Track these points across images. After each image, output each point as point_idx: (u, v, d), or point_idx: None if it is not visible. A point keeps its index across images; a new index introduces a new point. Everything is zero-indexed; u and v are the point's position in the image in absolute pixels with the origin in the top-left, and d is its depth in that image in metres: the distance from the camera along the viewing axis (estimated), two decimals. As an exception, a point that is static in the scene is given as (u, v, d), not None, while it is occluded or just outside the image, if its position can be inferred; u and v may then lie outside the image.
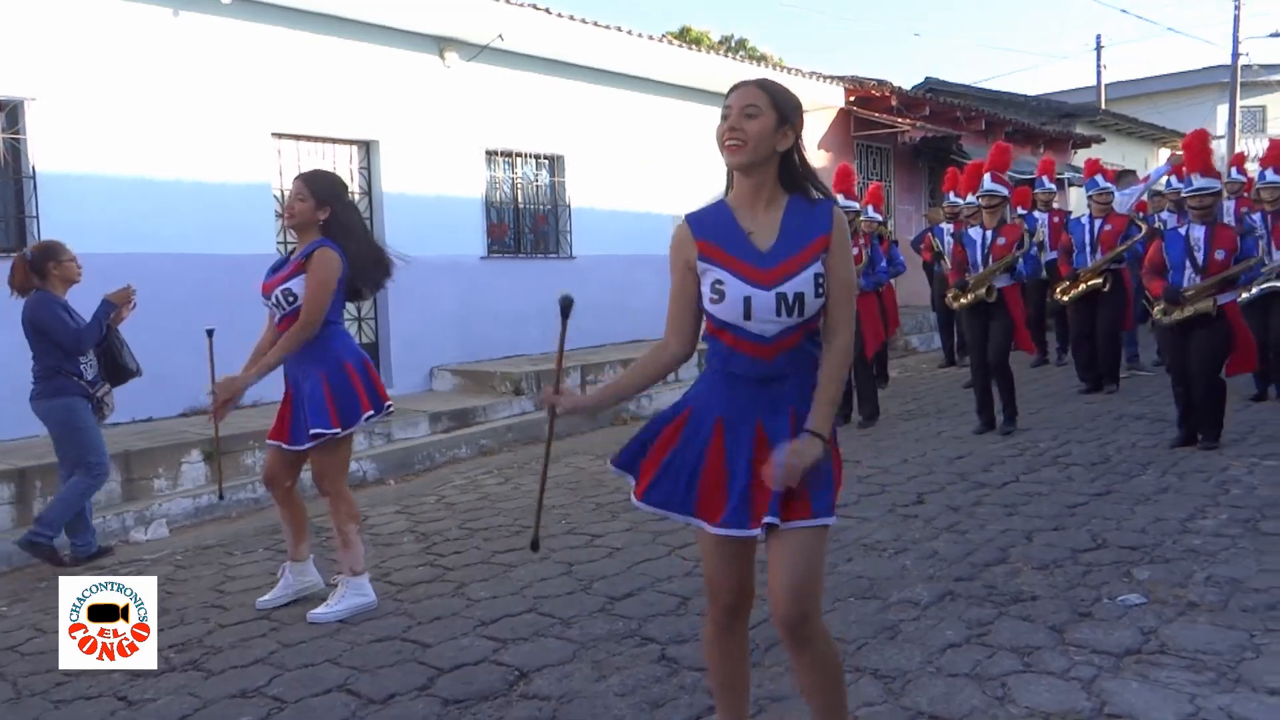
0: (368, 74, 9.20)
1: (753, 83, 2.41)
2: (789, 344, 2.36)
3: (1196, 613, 3.77)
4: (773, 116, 2.36)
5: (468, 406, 8.68)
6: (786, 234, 2.38)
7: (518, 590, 4.47)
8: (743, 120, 2.35)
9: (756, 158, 2.37)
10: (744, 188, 2.43)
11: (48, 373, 5.19)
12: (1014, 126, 18.11)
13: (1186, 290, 6.39)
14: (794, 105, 2.42)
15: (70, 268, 5.28)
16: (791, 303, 2.33)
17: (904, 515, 5.33)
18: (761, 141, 2.36)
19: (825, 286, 2.35)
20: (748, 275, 2.36)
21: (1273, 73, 29.03)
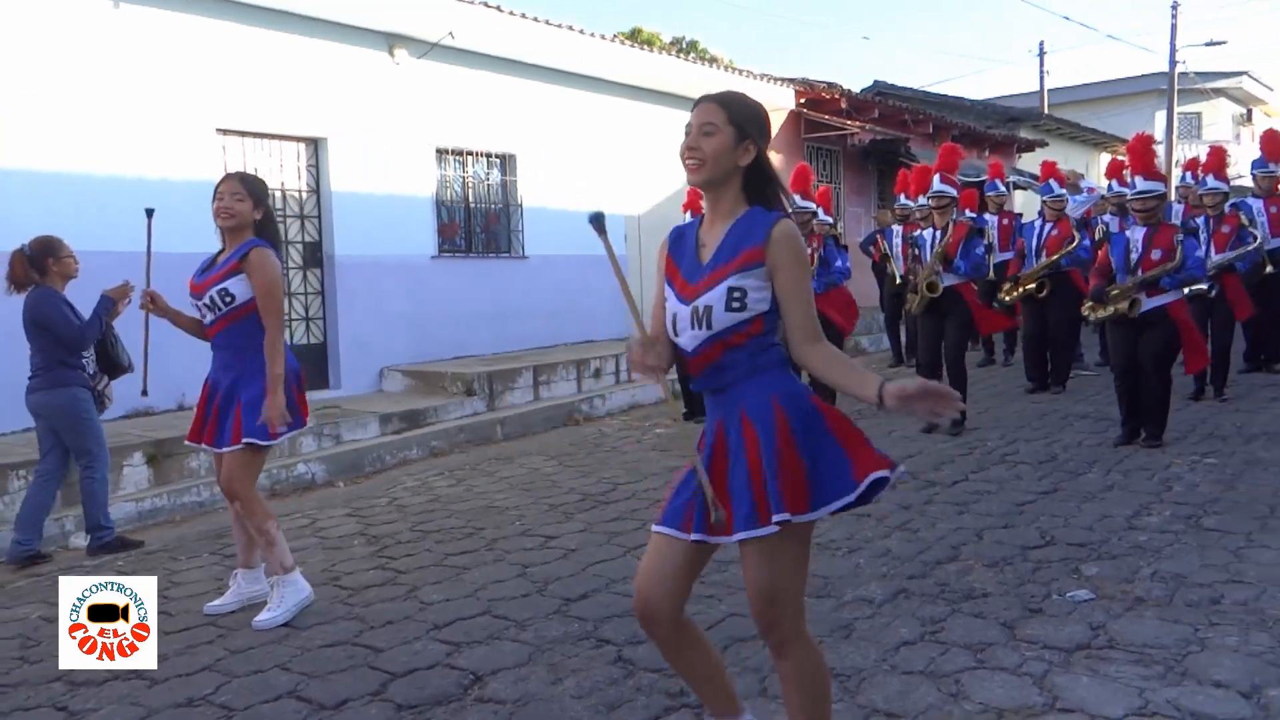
0: (316, 70, 9.05)
1: (712, 99, 2.41)
2: (710, 357, 2.36)
3: (1143, 608, 3.84)
4: (730, 133, 2.36)
5: (418, 407, 8.58)
6: (725, 246, 2.37)
7: (471, 593, 4.41)
8: (700, 139, 2.36)
9: (715, 175, 2.38)
10: (708, 201, 2.45)
11: (50, 364, 5.27)
12: (960, 130, 18.38)
13: (1111, 290, 6.54)
14: (755, 118, 2.42)
15: (69, 263, 5.37)
16: (701, 315, 2.34)
17: (857, 514, 5.35)
18: (719, 159, 2.36)
19: (744, 302, 2.30)
20: (679, 289, 2.41)
21: (1208, 81, 29.83)
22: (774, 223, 2.34)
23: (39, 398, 5.31)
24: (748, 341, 2.34)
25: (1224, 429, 7.11)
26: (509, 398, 9.21)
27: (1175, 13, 26.73)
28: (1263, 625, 3.61)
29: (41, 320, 5.20)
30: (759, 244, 2.32)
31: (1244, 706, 3.02)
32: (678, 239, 2.51)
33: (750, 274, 2.31)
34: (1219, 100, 32.35)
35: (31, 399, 5.35)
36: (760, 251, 2.31)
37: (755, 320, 2.33)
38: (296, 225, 9.21)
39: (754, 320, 2.33)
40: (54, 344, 5.24)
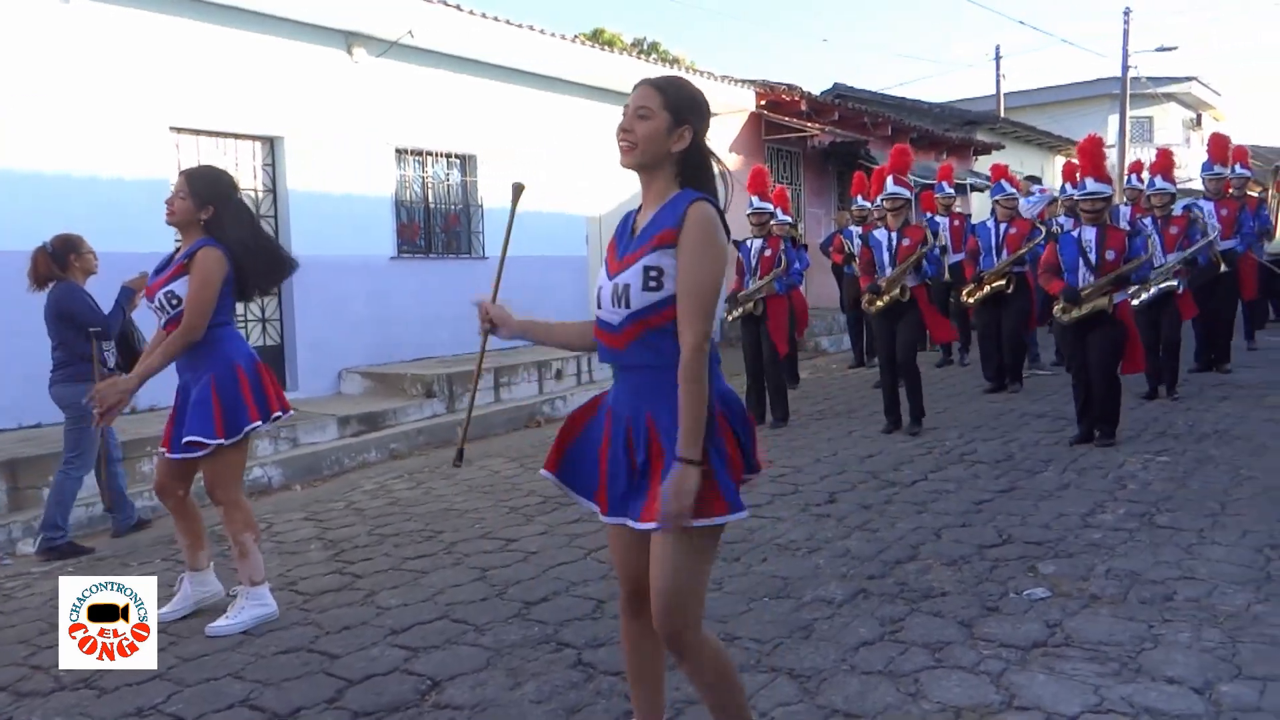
0: (272, 68, 8.93)
1: (650, 82, 2.39)
2: (633, 335, 2.35)
3: (1098, 605, 3.88)
4: (665, 118, 2.34)
5: (377, 409, 8.49)
6: (648, 226, 2.37)
7: (429, 597, 4.36)
8: (635, 121, 2.34)
9: (646, 159, 2.37)
10: (642, 185, 2.44)
11: (71, 358, 5.43)
12: (918, 133, 18.55)
13: (1083, 289, 6.63)
14: (692, 104, 2.39)
15: (89, 259, 5.56)
16: (620, 293, 2.34)
17: (817, 515, 5.38)
18: (651, 143, 2.35)
19: (660, 281, 2.29)
20: (608, 265, 2.44)
21: (1159, 85, 30.38)
22: (690, 202, 2.31)
23: (59, 390, 5.46)
24: (670, 325, 2.30)
25: (1176, 428, 7.23)
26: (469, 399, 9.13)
27: (1127, 19, 27.20)
28: (1214, 621, 3.66)
29: (68, 313, 5.36)
30: (672, 225, 2.30)
31: (1196, 702, 3.06)
32: (623, 222, 2.52)
33: (666, 253, 2.29)
34: (1169, 104, 32.97)
35: (53, 390, 5.50)
36: (674, 232, 2.29)
37: (673, 302, 2.30)
38: (252, 225, 9.06)
39: (671, 302, 2.30)
40: (76, 336, 5.38)
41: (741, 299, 8.15)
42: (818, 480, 6.18)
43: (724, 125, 14.59)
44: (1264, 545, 4.49)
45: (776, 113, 15.18)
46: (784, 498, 5.74)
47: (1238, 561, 4.31)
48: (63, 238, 5.55)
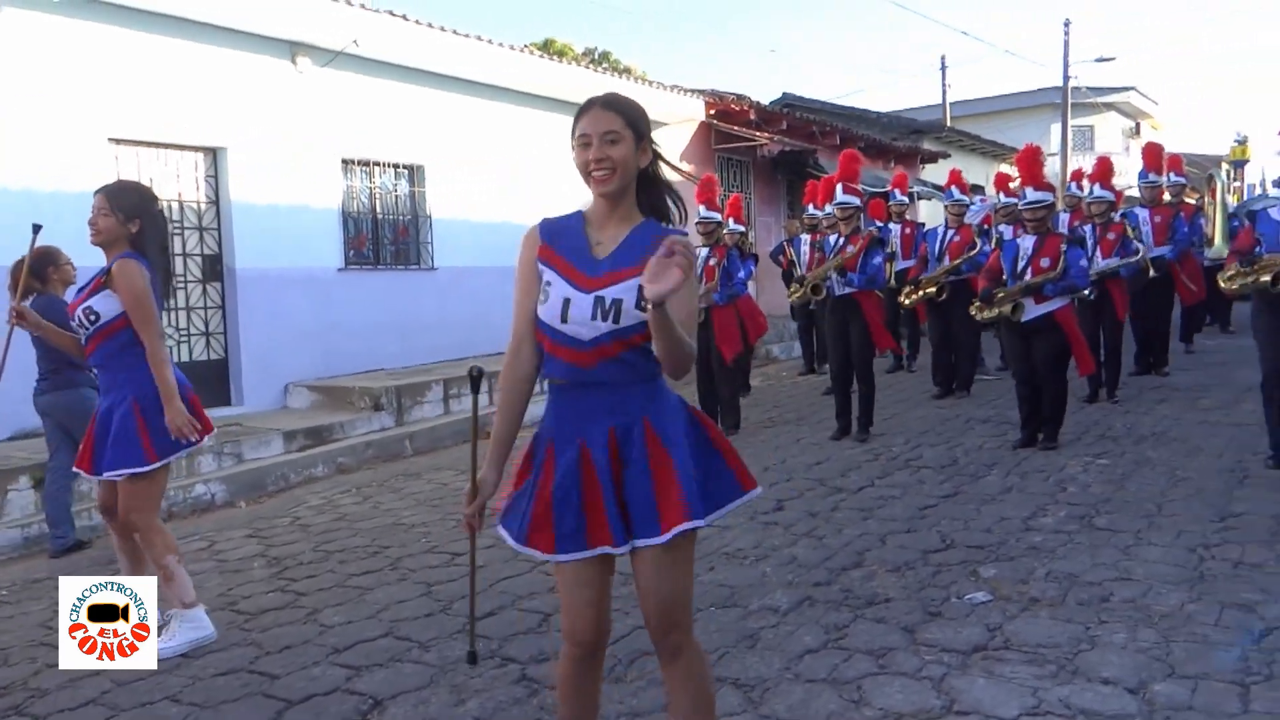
0: (214, 78, 8.80)
1: (604, 105, 2.36)
2: (608, 352, 2.31)
3: (1038, 608, 3.95)
4: (631, 137, 2.35)
5: (324, 423, 8.38)
6: (626, 249, 2.35)
7: (374, 614, 4.31)
8: (608, 148, 2.32)
9: (625, 182, 2.37)
10: (603, 207, 2.41)
11: (58, 367, 5.52)
12: (866, 142, 18.76)
13: (997, 293, 6.77)
14: (644, 118, 2.42)
15: (68, 271, 5.71)
16: (609, 307, 2.30)
17: (765, 523, 5.41)
18: (628, 166, 2.36)
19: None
20: (573, 279, 2.36)
21: (1099, 95, 31.06)
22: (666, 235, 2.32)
23: (48, 399, 5.58)
24: (644, 344, 2.32)
25: (1115, 430, 7.38)
26: (418, 412, 9.07)
27: (1067, 30, 27.77)
28: (1149, 622, 3.74)
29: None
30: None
31: (1130, 702, 3.11)
32: (555, 230, 2.44)
33: None
34: (1109, 114, 33.73)
35: (41, 400, 5.61)
36: None
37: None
38: (195, 237, 8.94)
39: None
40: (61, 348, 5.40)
41: (684, 307, 8.15)
42: (766, 488, 6.20)
43: (674, 135, 14.66)
44: (1197, 545, 4.60)
45: (726, 122, 15.28)
46: (732, 506, 5.74)
47: (1172, 562, 4.40)
48: (41, 250, 5.48)
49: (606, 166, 2.32)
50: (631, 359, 2.33)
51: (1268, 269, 5.68)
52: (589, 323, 2.31)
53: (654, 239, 2.30)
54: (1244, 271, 5.77)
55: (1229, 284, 5.91)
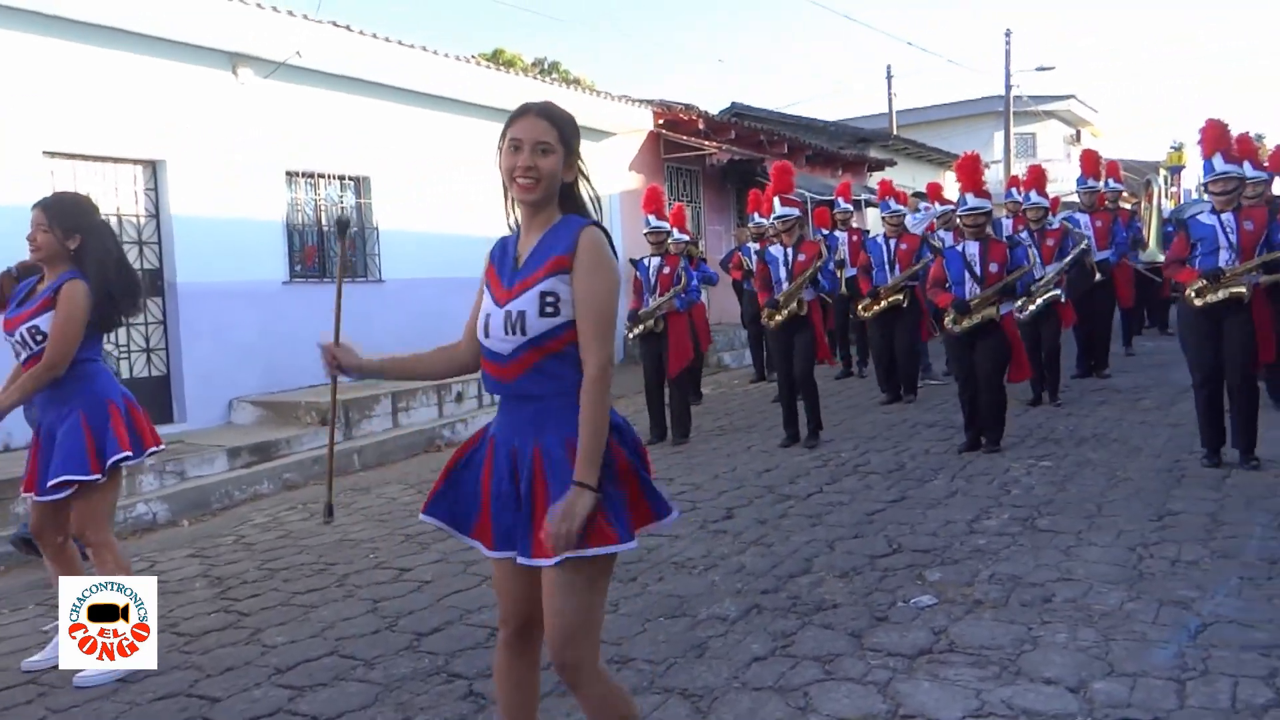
0: (153, 90, 8.64)
1: (540, 114, 2.36)
2: (526, 364, 2.32)
3: (981, 610, 3.99)
4: (562, 151, 2.36)
5: (270, 439, 8.25)
6: (537, 252, 2.36)
7: (318, 632, 4.25)
8: (538, 157, 2.32)
9: (549, 194, 2.38)
10: (525, 213, 2.43)
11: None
12: (814, 150, 18.95)
13: (972, 300, 6.86)
14: (577, 133, 2.43)
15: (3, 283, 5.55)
16: (514, 320, 2.31)
17: (714, 531, 5.42)
18: (554, 179, 2.37)
19: (557, 307, 2.29)
20: (494, 293, 2.40)
21: (1040, 103, 31.68)
22: (581, 228, 2.35)
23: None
24: (567, 349, 2.31)
25: (1058, 433, 7.51)
26: (366, 426, 8.97)
27: (1009, 40, 28.32)
28: (1089, 621, 3.80)
29: None
30: (566, 251, 2.32)
31: (1071, 701, 3.16)
32: (500, 249, 2.48)
33: (561, 279, 2.30)
34: (1050, 121, 34.38)
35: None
36: (568, 258, 2.31)
37: (571, 327, 2.31)
38: (135, 251, 8.74)
39: (570, 327, 2.31)
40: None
41: (642, 316, 8.18)
42: (716, 496, 6.23)
43: (624, 145, 14.69)
44: (1136, 544, 4.68)
45: (675, 132, 15.33)
46: (682, 515, 5.75)
47: (1112, 561, 4.48)
48: (27, 264, 5.33)
49: (532, 176, 2.32)
50: (552, 368, 2.32)
51: (1232, 281, 5.77)
52: (503, 337, 2.33)
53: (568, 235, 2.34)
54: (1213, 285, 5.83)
55: (1202, 299, 5.90)
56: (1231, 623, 3.69)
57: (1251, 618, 3.73)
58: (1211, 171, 5.93)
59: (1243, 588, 4.05)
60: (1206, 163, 6.01)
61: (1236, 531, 4.81)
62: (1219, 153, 5.93)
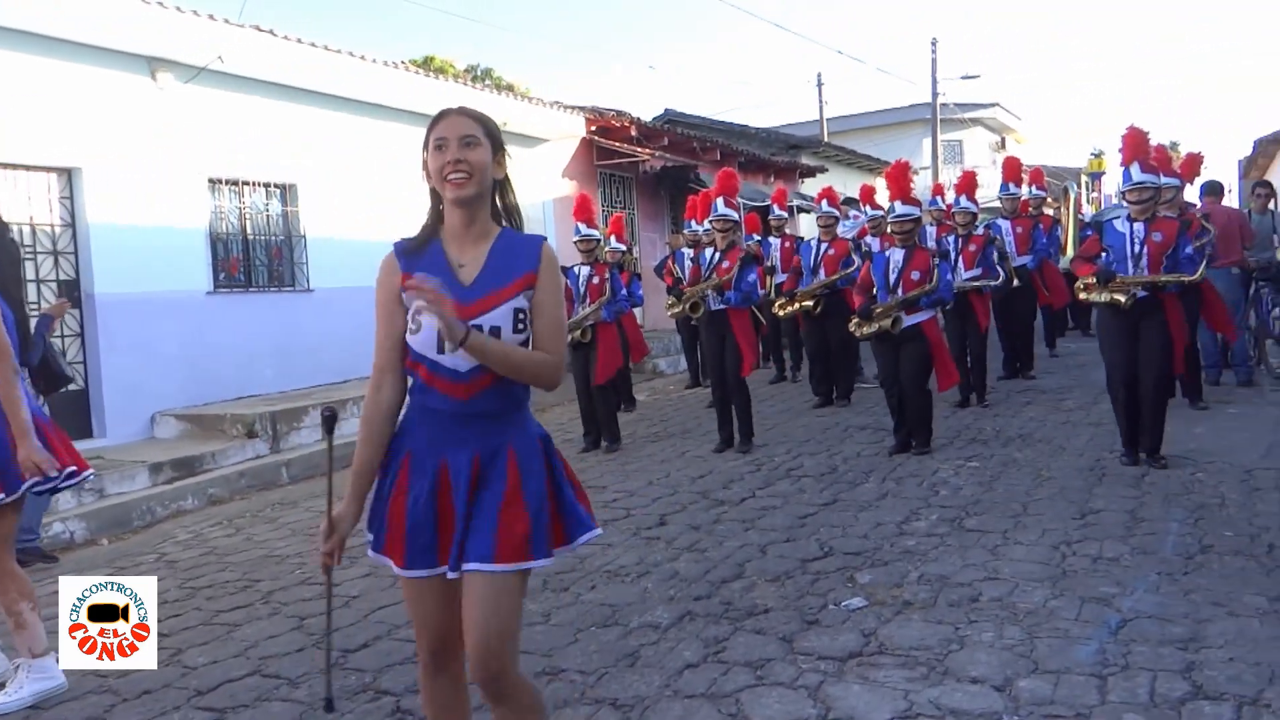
0: (67, 95, 8.37)
1: (462, 112, 2.35)
2: (485, 382, 2.28)
3: (910, 611, 4.03)
4: (488, 145, 2.33)
5: (195, 454, 8.03)
6: (492, 267, 2.32)
7: (241, 652, 4.13)
8: (465, 150, 2.28)
9: (482, 189, 2.34)
10: (457, 220, 2.36)
11: None
12: (746, 157, 19.12)
13: (875, 308, 6.96)
14: (499, 131, 2.41)
15: None
16: (488, 335, 2.26)
17: (648, 538, 5.40)
18: (485, 172, 2.33)
19: (527, 323, 2.30)
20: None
21: (966, 111, 32.36)
22: (541, 245, 2.36)
23: None
24: None
25: (985, 433, 7.64)
26: (295, 438, 8.78)
27: (935, 49, 28.86)
28: (1015, 619, 3.86)
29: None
30: (532, 268, 2.32)
31: (997, 700, 3.20)
32: (413, 256, 2.37)
33: (526, 295, 2.31)
34: (977, 129, 35.13)
35: None
36: (535, 276, 2.32)
37: (530, 343, 2.32)
38: (49, 262, 8.48)
39: (529, 343, 2.32)
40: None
41: (571, 325, 8.15)
42: (650, 503, 6.21)
43: (556, 151, 14.65)
44: (1060, 543, 4.78)
45: (607, 138, 15.34)
46: (616, 522, 5.73)
47: (1037, 559, 4.57)
48: None
49: (464, 170, 2.28)
50: (507, 386, 2.31)
51: (1120, 289, 5.96)
52: (466, 355, 2.26)
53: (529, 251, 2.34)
54: (1103, 285, 6.03)
55: (1086, 295, 6.19)
56: (1150, 618, 3.78)
57: (1169, 613, 3.82)
58: (1129, 180, 6.09)
59: (1161, 583, 4.16)
60: (1125, 170, 6.17)
61: (1155, 528, 4.94)
62: (1137, 161, 6.09)
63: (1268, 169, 26.23)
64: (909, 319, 6.90)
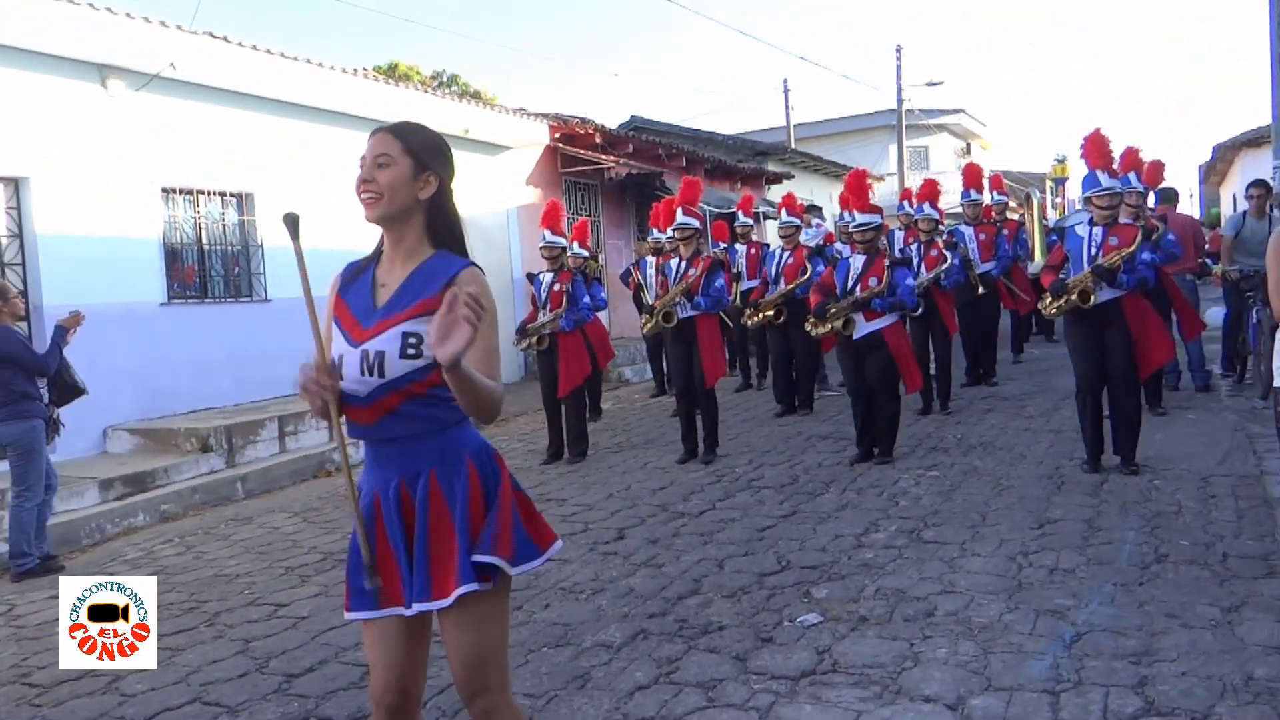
0: (12, 103, 8.18)
1: (387, 129, 2.29)
2: (386, 407, 2.20)
3: (866, 627, 3.99)
4: (407, 164, 2.26)
5: (146, 469, 7.86)
6: (405, 290, 2.25)
7: (182, 678, 4.01)
8: (375, 170, 2.23)
9: (393, 209, 2.26)
10: (389, 240, 2.31)
11: (13, 397, 5.84)
12: (712, 164, 19.09)
13: (829, 308, 6.94)
14: (435, 150, 2.32)
15: (17, 304, 6.11)
16: (372, 361, 2.18)
17: (604, 553, 5.33)
18: (397, 192, 2.24)
19: (419, 349, 2.17)
20: (349, 331, 2.25)
21: (931, 117, 32.61)
22: (461, 270, 2.24)
23: (3, 428, 5.83)
24: (428, 392, 2.20)
25: (946, 441, 7.64)
26: (251, 451, 8.63)
27: (899, 55, 29.06)
28: (969, 634, 3.82)
29: (8, 355, 5.79)
30: (439, 292, 2.19)
31: (949, 719, 3.16)
32: (352, 277, 2.34)
33: (421, 320, 2.18)
34: (942, 134, 35.43)
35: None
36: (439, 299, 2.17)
37: (435, 369, 2.18)
38: (-4, 274, 8.29)
39: (433, 369, 2.18)
40: (14, 376, 5.82)
41: (531, 330, 8.07)
42: (608, 516, 6.14)
43: (520, 158, 14.55)
44: (1016, 554, 4.76)
45: (572, 145, 15.25)
46: (573, 537, 5.65)
47: (993, 571, 4.54)
48: None
49: (372, 190, 2.23)
50: (413, 410, 2.21)
51: (1074, 289, 5.98)
52: (359, 378, 2.19)
53: (443, 276, 2.22)
54: (1056, 299, 6.06)
55: (1049, 311, 6.19)
56: (1104, 631, 3.76)
57: (1123, 625, 3.80)
58: (1097, 185, 6.09)
59: (1116, 594, 4.14)
60: (1090, 174, 6.17)
61: (1111, 538, 4.93)
62: (1102, 168, 6.09)
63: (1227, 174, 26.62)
64: (869, 325, 6.86)
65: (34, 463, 5.91)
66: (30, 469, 5.89)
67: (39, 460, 5.95)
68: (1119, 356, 6.10)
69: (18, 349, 5.85)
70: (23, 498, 5.90)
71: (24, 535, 5.92)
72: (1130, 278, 5.92)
